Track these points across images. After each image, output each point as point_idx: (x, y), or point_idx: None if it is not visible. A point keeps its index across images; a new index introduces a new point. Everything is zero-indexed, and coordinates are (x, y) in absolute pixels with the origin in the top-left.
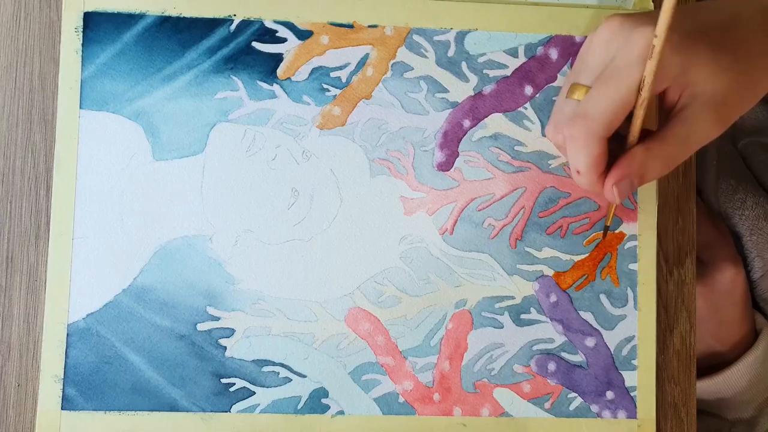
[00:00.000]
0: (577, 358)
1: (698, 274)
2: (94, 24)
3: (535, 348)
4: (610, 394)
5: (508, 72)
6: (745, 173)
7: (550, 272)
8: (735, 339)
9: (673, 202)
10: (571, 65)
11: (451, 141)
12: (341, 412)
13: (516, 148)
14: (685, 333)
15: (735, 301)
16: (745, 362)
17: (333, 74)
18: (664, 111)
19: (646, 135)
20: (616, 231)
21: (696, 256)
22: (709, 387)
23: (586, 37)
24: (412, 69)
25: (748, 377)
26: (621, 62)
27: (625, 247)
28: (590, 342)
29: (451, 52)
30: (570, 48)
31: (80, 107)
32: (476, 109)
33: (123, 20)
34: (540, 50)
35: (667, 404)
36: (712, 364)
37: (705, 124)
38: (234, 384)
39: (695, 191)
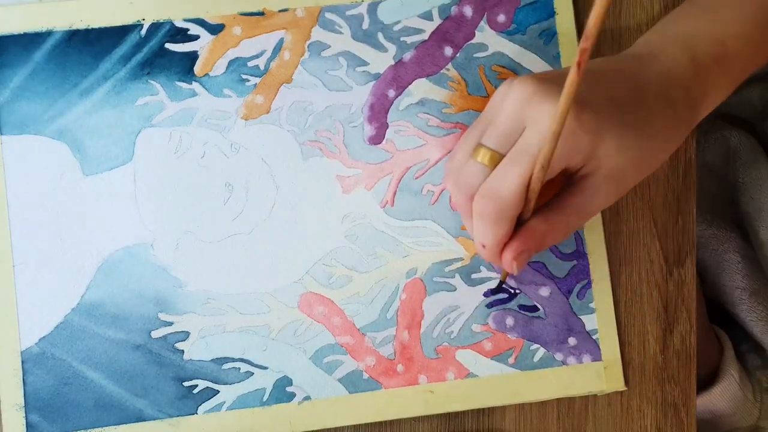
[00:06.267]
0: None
1: None
2: (2, 48)
3: (490, 305)
4: (572, 341)
5: (425, 36)
6: None
7: None
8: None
9: (673, 201)
10: (488, 20)
11: (379, 113)
12: (307, 398)
13: (444, 110)
14: (685, 333)
15: None
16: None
17: (250, 63)
18: (564, 172)
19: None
20: None
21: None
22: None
23: None
24: (329, 47)
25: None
26: (533, 138)
27: None
28: (545, 291)
29: (365, 25)
30: (483, 3)
31: (0, 134)
32: (399, 77)
33: (31, 40)
34: (454, 10)
35: (667, 404)
36: None
37: (603, 196)
38: (197, 386)
39: (695, 191)
